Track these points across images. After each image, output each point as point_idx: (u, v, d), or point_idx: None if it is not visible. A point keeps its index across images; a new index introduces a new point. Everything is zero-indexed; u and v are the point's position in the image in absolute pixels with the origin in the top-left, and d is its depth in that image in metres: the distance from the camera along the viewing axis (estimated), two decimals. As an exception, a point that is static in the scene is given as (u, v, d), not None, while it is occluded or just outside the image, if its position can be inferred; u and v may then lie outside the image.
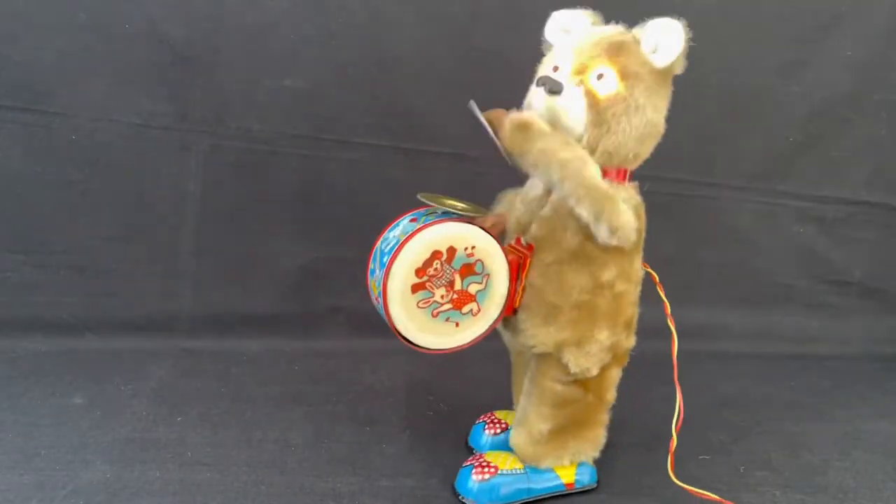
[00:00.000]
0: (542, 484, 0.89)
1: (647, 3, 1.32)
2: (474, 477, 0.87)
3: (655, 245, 1.44)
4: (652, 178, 1.40)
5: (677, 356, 1.36)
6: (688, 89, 1.37)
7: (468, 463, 0.89)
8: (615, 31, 0.83)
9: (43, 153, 1.25)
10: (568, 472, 0.91)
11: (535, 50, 1.41)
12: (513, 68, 1.33)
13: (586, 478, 0.92)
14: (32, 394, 1.08)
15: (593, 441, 0.91)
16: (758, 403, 1.19)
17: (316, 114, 1.29)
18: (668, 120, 1.37)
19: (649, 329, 1.42)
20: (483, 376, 1.15)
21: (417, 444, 1.00)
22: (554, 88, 0.78)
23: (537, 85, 0.80)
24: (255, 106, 1.28)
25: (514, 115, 0.77)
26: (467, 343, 0.83)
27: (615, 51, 0.80)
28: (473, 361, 1.12)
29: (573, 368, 0.84)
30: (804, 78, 1.40)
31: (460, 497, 0.87)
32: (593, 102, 0.78)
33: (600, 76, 0.79)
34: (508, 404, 1.02)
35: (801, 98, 1.41)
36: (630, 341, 0.89)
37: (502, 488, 0.87)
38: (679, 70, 0.81)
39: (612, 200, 0.75)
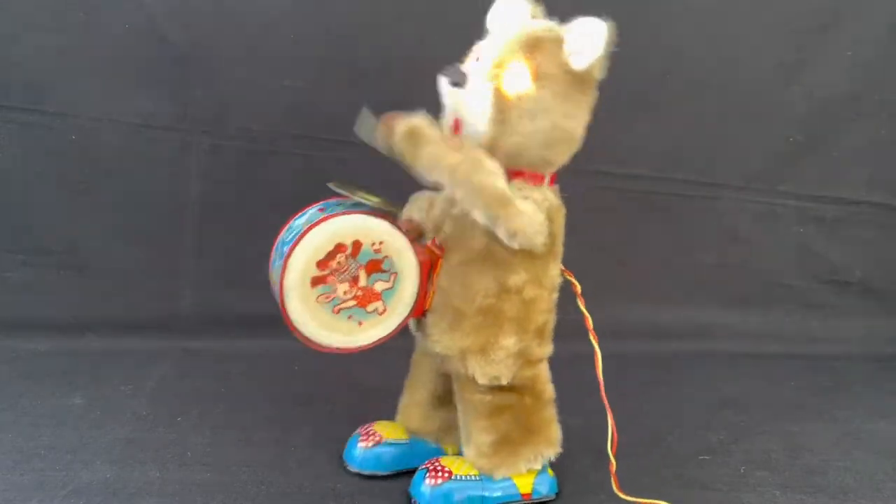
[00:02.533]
0: (496, 492, 0.85)
1: (648, 3, 1.33)
2: (427, 482, 0.83)
3: (656, 245, 1.45)
4: (652, 178, 1.42)
5: (680, 356, 1.38)
6: (688, 89, 1.39)
7: (423, 467, 0.86)
8: (543, 26, 0.77)
9: (43, 153, 1.25)
10: (525, 482, 0.87)
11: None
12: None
13: (545, 489, 0.88)
14: (32, 394, 1.08)
15: (547, 440, 0.87)
16: (758, 403, 1.19)
17: (316, 114, 1.29)
18: (669, 119, 1.39)
19: (647, 330, 1.43)
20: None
21: (417, 445, 1.00)
22: (456, 80, 0.75)
23: (441, 74, 0.76)
24: (256, 106, 1.28)
25: (402, 122, 0.72)
26: (371, 343, 0.79)
27: (532, 47, 0.75)
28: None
29: (480, 379, 0.81)
30: (804, 78, 1.40)
31: (413, 501, 0.84)
32: (499, 99, 0.74)
33: (513, 72, 0.75)
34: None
35: (802, 98, 1.41)
36: (544, 349, 0.85)
37: (455, 494, 0.83)
38: (599, 75, 0.76)
39: (506, 204, 0.72)
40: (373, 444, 0.91)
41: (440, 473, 0.84)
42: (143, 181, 1.29)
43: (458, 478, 0.84)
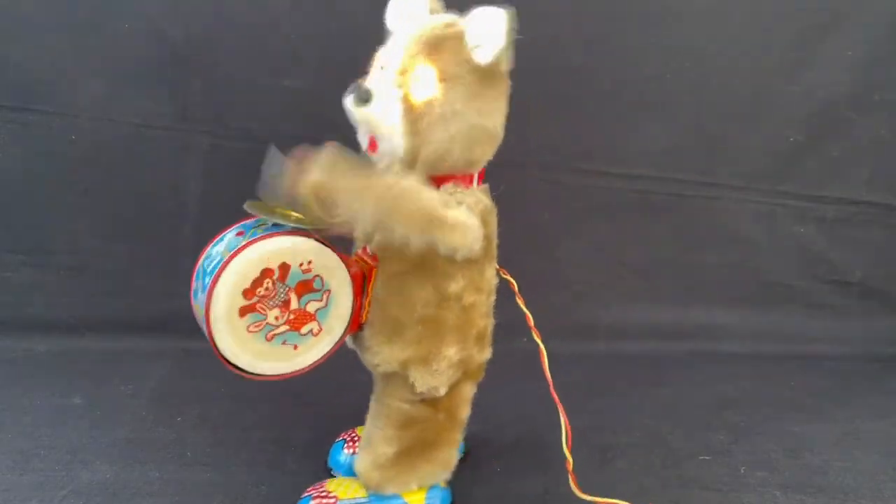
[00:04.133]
0: None
1: (648, 3, 1.33)
2: None
3: (656, 245, 1.45)
4: (652, 178, 1.42)
5: (680, 356, 1.38)
6: (688, 89, 1.39)
7: (307, 493, 0.83)
8: (443, 22, 0.73)
9: (43, 153, 1.25)
10: (417, 498, 0.83)
11: (539, 51, 1.40)
12: (516, 68, 1.33)
13: (437, 503, 0.85)
14: (32, 394, 1.08)
15: (444, 462, 0.85)
16: (758, 403, 1.19)
17: (316, 114, 1.29)
18: (669, 119, 1.39)
19: (647, 330, 1.43)
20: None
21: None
22: (362, 97, 0.72)
23: (347, 93, 0.73)
24: (255, 106, 1.28)
25: (307, 175, 0.67)
26: (309, 366, 0.75)
27: (435, 48, 0.71)
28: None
29: (419, 388, 0.78)
30: (805, 78, 1.40)
31: None
32: (408, 109, 0.71)
33: (419, 78, 0.71)
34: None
35: (802, 98, 1.41)
36: (484, 355, 0.83)
37: None
38: (506, 66, 0.72)
39: (439, 224, 0.68)
40: None
41: (325, 498, 0.81)
42: (143, 181, 1.29)
43: (345, 501, 0.82)
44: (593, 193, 1.41)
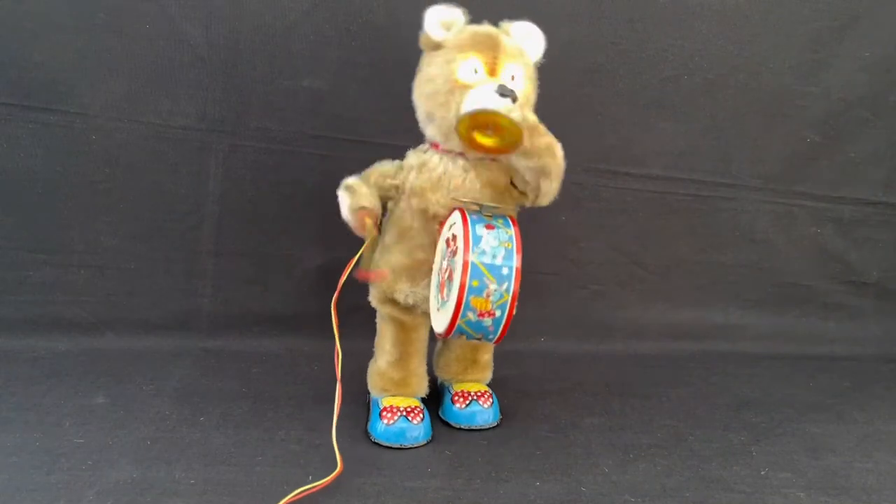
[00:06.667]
0: None
1: (666, 4, 1.33)
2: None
3: (672, 245, 1.45)
4: (669, 178, 1.42)
5: (697, 357, 1.39)
6: (705, 89, 1.39)
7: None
8: (497, 31, 0.95)
9: (64, 153, 1.26)
10: None
11: (557, 53, 1.41)
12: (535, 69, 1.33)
13: None
14: (55, 393, 1.09)
15: None
16: (777, 404, 1.19)
17: (335, 114, 1.30)
18: (686, 120, 1.40)
19: (664, 330, 1.43)
20: (500, 375, 1.15)
21: (441, 445, 1.00)
22: (509, 94, 0.85)
23: (501, 94, 0.84)
24: (275, 106, 1.28)
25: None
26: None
27: (519, 52, 0.94)
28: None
29: None
30: (822, 78, 1.40)
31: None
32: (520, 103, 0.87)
33: (513, 77, 0.91)
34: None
35: (819, 99, 1.41)
36: None
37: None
38: None
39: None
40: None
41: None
42: (163, 181, 1.29)
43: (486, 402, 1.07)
44: (611, 194, 1.41)
